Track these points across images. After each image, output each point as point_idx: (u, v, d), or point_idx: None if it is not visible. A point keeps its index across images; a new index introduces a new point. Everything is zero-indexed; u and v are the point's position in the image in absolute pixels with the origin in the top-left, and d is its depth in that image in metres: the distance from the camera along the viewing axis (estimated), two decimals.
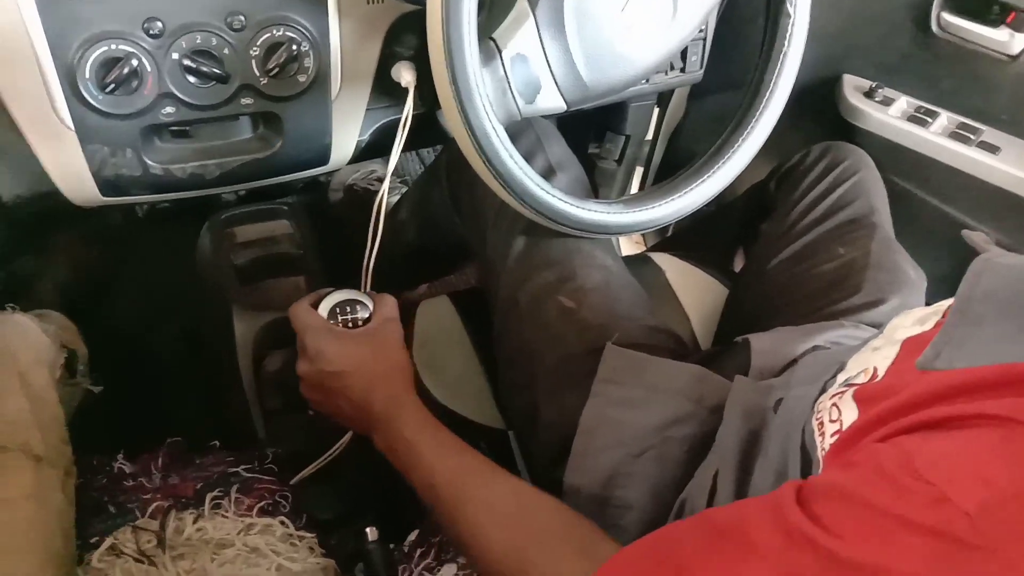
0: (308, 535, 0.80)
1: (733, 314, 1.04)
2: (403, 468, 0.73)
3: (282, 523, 0.79)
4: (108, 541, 0.74)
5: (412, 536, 0.83)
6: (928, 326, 0.58)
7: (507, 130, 0.73)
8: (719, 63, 1.13)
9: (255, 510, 0.79)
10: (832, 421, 0.57)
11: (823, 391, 0.64)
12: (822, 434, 0.58)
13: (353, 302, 0.84)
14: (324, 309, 0.83)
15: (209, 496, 0.78)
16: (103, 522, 0.75)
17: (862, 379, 0.58)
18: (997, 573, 0.37)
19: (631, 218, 0.84)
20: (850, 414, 0.55)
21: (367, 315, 0.84)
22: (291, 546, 0.78)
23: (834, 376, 0.65)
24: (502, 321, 0.90)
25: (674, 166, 0.99)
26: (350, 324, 0.82)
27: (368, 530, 0.85)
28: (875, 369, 0.58)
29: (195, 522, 0.77)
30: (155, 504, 0.77)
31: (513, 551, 0.62)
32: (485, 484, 0.68)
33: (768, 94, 0.87)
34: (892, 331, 0.62)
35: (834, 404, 0.58)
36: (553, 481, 0.80)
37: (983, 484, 0.38)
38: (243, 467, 0.82)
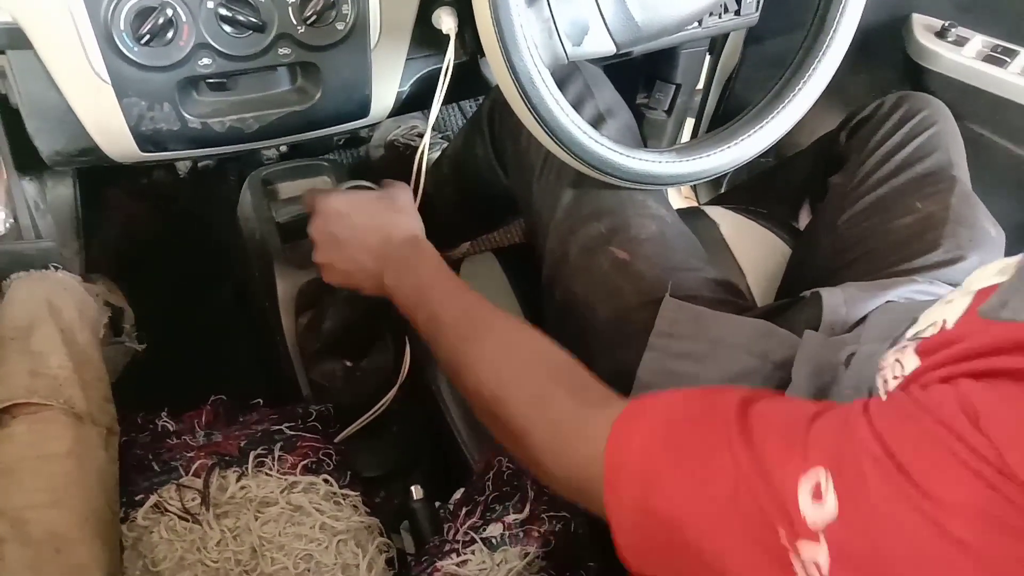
0: (352, 493, 0.79)
1: (799, 269, 1.00)
2: (410, 306, 0.74)
3: (326, 481, 0.78)
4: (152, 499, 0.74)
5: (457, 495, 0.82)
6: (1004, 275, 0.54)
7: (554, 75, 0.69)
8: (777, 3, 1.07)
9: (299, 468, 0.78)
10: (895, 378, 0.53)
11: (892, 346, 0.60)
12: (887, 392, 0.55)
13: (365, 188, 0.85)
14: (343, 187, 0.86)
15: (253, 454, 0.78)
16: (147, 480, 0.75)
17: (930, 332, 0.55)
18: None
19: (684, 168, 0.80)
20: (912, 366, 0.52)
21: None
22: (335, 504, 0.77)
23: (904, 332, 0.61)
24: (551, 276, 0.88)
25: (727, 117, 0.94)
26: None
27: (413, 488, 0.84)
28: (944, 321, 0.54)
29: (239, 480, 0.76)
30: (199, 462, 0.77)
31: (512, 388, 0.62)
32: (491, 323, 0.69)
33: (831, 34, 0.82)
34: (969, 284, 0.58)
35: (897, 360, 0.55)
36: (608, 362, 0.78)
37: None
38: (287, 425, 0.82)
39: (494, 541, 0.75)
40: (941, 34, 1.15)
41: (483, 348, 0.66)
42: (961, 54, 1.13)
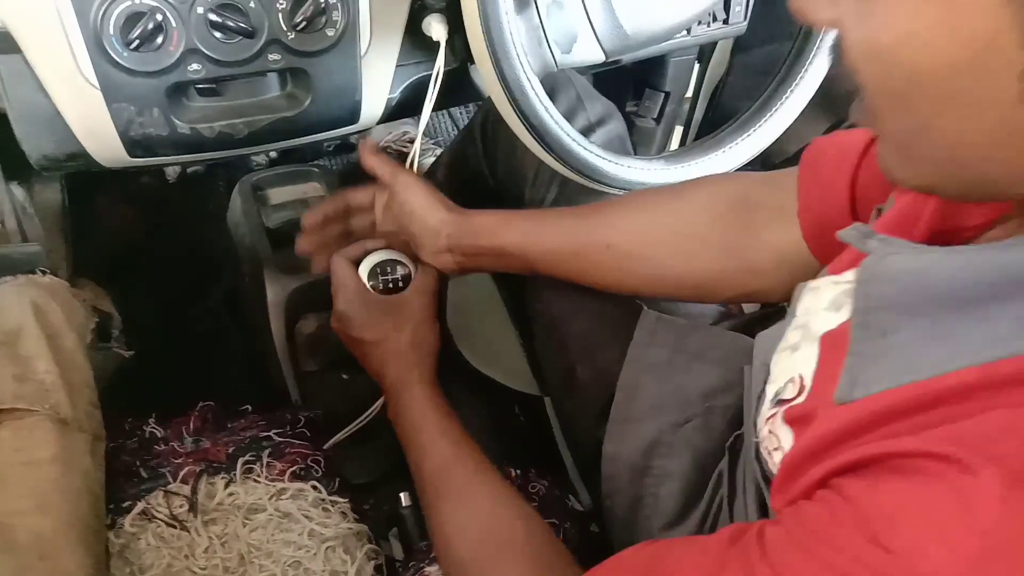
0: (341, 500, 0.79)
1: None
2: (403, 445, 0.75)
3: (314, 488, 0.78)
4: (140, 505, 0.73)
5: None
6: (843, 314, 0.49)
7: (546, 87, 0.70)
8: (765, 14, 1.08)
9: (287, 475, 0.78)
10: (776, 449, 0.52)
11: (759, 402, 0.59)
12: (770, 457, 0.54)
13: (395, 263, 0.84)
14: (366, 266, 0.83)
15: (241, 461, 0.78)
16: (135, 486, 0.75)
17: (791, 392, 0.52)
18: None
19: (673, 175, 0.81)
20: (787, 438, 0.50)
21: (406, 280, 0.84)
22: (323, 511, 0.77)
23: (764, 387, 0.59)
24: (534, 282, 0.88)
25: (715, 125, 0.94)
26: (390, 285, 0.83)
27: (402, 495, 0.84)
28: (801, 379, 0.51)
29: (227, 487, 0.76)
30: (187, 468, 0.76)
31: (475, 560, 0.63)
32: (467, 484, 0.69)
33: (817, 43, 0.83)
34: (806, 318, 0.54)
35: (770, 431, 0.53)
36: (596, 441, 0.78)
37: (948, 550, 0.33)
38: (275, 431, 0.81)
39: None
40: None
41: (455, 512, 0.68)
42: None
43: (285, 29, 0.75)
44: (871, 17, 0.36)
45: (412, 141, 1.46)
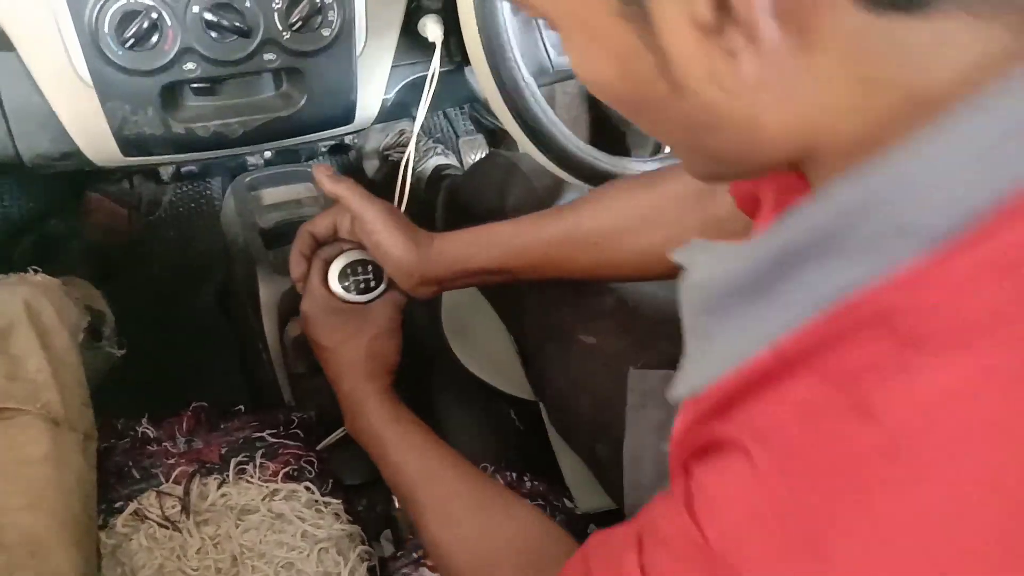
0: (334, 501, 0.78)
1: None
2: (373, 460, 0.75)
3: (307, 488, 0.77)
4: (132, 506, 0.73)
5: None
6: None
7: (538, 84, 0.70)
8: None
9: (280, 475, 0.78)
10: None
11: None
12: None
13: (367, 263, 0.83)
14: (336, 267, 0.82)
15: (234, 461, 0.77)
16: (127, 487, 0.74)
17: None
18: None
19: None
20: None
21: (377, 284, 0.83)
22: (316, 512, 0.76)
23: None
24: (535, 368, 0.89)
25: None
26: (361, 285, 0.82)
27: (395, 496, 0.84)
28: None
29: (219, 487, 0.76)
30: (179, 469, 0.76)
31: (472, 569, 0.64)
32: (447, 499, 0.68)
33: None
34: None
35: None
36: (593, 454, 0.78)
37: (735, 522, 0.35)
38: (268, 431, 0.81)
39: None
40: None
41: (442, 530, 0.67)
42: None
43: (281, 29, 0.75)
44: (569, 54, 0.40)
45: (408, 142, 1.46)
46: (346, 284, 0.82)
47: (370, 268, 0.83)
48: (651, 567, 0.40)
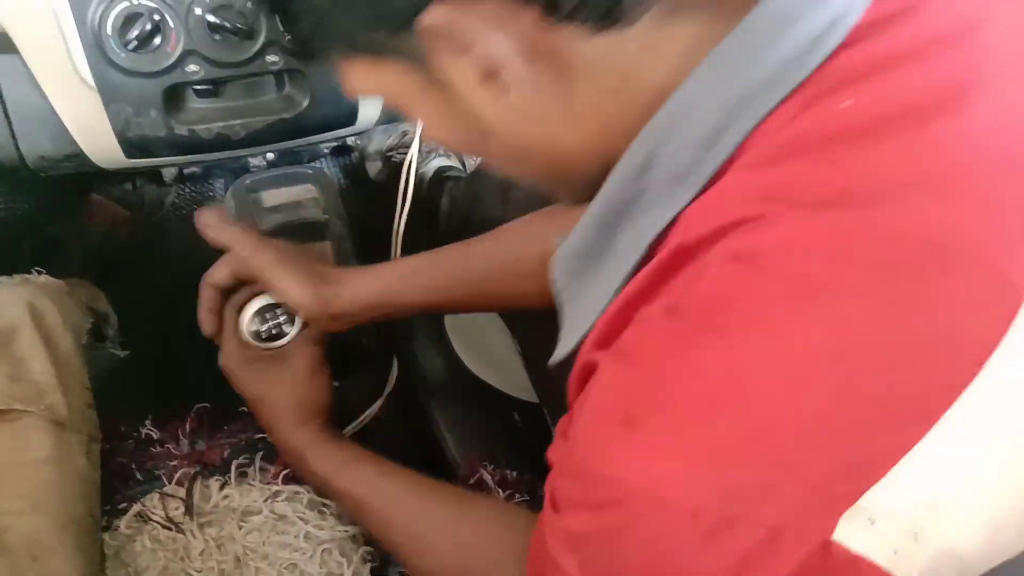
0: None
1: None
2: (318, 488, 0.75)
3: (308, 490, 0.78)
4: (135, 507, 0.73)
5: None
6: None
7: None
8: None
9: (280, 477, 0.78)
10: None
11: None
12: None
13: (275, 307, 0.79)
14: (247, 314, 0.78)
15: (235, 464, 0.77)
16: (131, 488, 0.75)
17: None
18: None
19: None
20: None
21: (291, 327, 0.79)
22: (318, 513, 0.76)
23: None
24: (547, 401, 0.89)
25: None
26: (274, 331, 0.79)
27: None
28: None
29: (222, 489, 0.76)
30: (182, 471, 0.76)
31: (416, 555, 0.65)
32: (419, 532, 0.67)
33: None
34: None
35: None
36: None
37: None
38: None
39: None
40: None
41: (422, 561, 0.67)
42: None
43: (283, 30, 0.75)
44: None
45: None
46: (259, 330, 0.78)
47: (279, 311, 0.79)
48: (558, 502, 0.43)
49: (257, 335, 0.78)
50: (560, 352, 0.47)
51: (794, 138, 0.36)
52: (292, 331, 0.79)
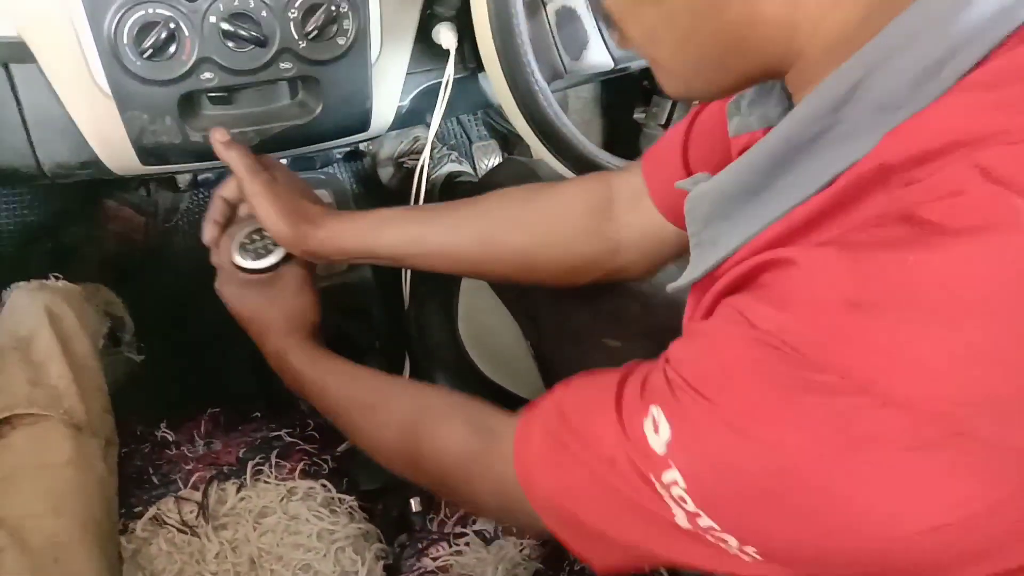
0: (348, 498, 0.79)
1: None
2: (301, 395, 0.77)
3: (323, 486, 0.78)
4: (151, 511, 0.74)
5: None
6: None
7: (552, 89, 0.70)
8: None
9: (297, 472, 0.78)
10: None
11: None
12: None
13: (262, 231, 0.81)
14: (236, 240, 0.81)
15: (251, 464, 0.78)
16: (147, 492, 0.75)
17: None
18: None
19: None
20: None
21: (275, 251, 0.81)
22: (332, 512, 0.77)
23: None
24: (546, 359, 0.89)
25: None
26: (261, 251, 0.81)
27: (412, 500, 0.84)
28: None
29: (238, 491, 0.76)
30: (197, 474, 0.77)
31: (407, 431, 0.65)
32: (375, 389, 0.71)
33: None
34: None
35: None
36: None
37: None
38: (285, 431, 0.82)
39: (487, 535, 0.75)
40: None
41: (375, 413, 0.69)
42: None
43: (296, 38, 0.76)
44: None
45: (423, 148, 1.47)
46: (246, 253, 0.81)
47: (266, 235, 0.81)
48: (684, 375, 0.42)
49: (244, 257, 0.81)
50: (686, 277, 0.47)
51: (1016, 67, 0.36)
52: (275, 254, 0.81)
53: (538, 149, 0.74)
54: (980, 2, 0.36)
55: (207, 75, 0.76)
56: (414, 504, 0.84)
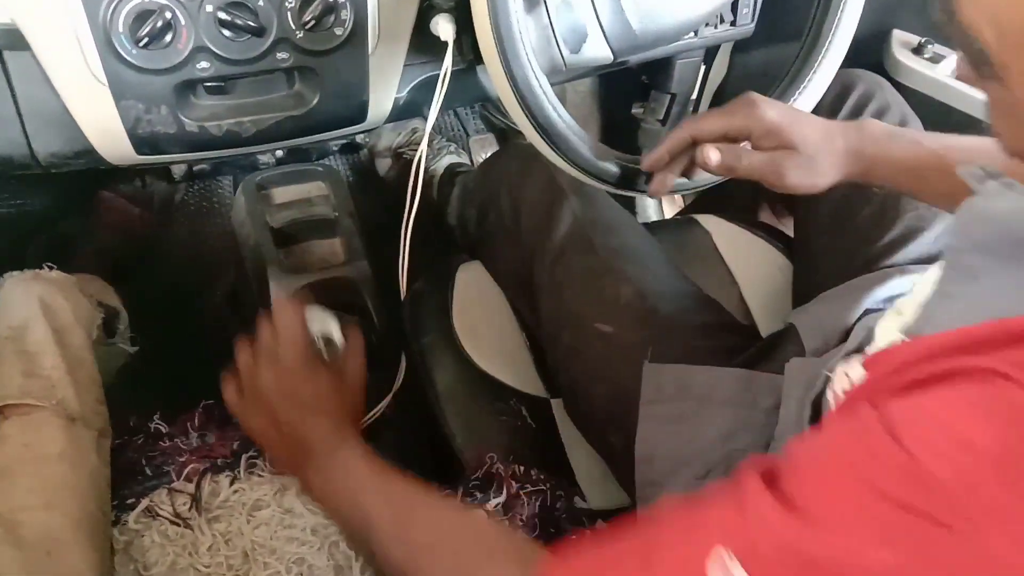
0: None
1: (798, 284, 1.00)
2: (336, 502, 0.72)
3: None
4: (144, 503, 0.74)
5: None
6: None
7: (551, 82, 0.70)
8: (766, 14, 1.08)
9: None
10: (844, 391, 0.53)
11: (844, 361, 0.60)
12: (836, 403, 0.55)
13: (328, 320, 0.82)
14: (314, 320, 0.80)
15: (245, 456, 0.78)
16: (139, 484, 0.75)
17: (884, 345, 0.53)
18: (972, 558, 0.32)
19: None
20: (857, 376, 0.51)
21: (339, 340, 0.82)
22: None
23: (859, 346, 0.60)
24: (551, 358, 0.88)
25: None
26: (323, 342, 0.81)
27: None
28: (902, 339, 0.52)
29: (232, 484, 0.76)
30: (191, 466, 0.76)
31: (457, 568, 0.62)
32: (428, 507, 0.67)
33: (826, 47, 0.83)
34: (916, 293, 0.54)
35: (845, 373, 0.54)
36: (607, 445, 0.78)
37: (960, 447, 0.33)
38: None
39: None
40: (918, 50, 1.15)
41: (427, 532, 0.66)
42: (936, 71, 1.13)
43: (294, 28, 0.76)
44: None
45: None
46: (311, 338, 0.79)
47: (331, 327, 0.81)
48: (807, 496, 0.37)
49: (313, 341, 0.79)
50: (916, 328, 0.41)
51: None
52: (339, 338, 0.81)
53: (535, 142, 0.73)
54: None
55: (203, 64, 0.75)
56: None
